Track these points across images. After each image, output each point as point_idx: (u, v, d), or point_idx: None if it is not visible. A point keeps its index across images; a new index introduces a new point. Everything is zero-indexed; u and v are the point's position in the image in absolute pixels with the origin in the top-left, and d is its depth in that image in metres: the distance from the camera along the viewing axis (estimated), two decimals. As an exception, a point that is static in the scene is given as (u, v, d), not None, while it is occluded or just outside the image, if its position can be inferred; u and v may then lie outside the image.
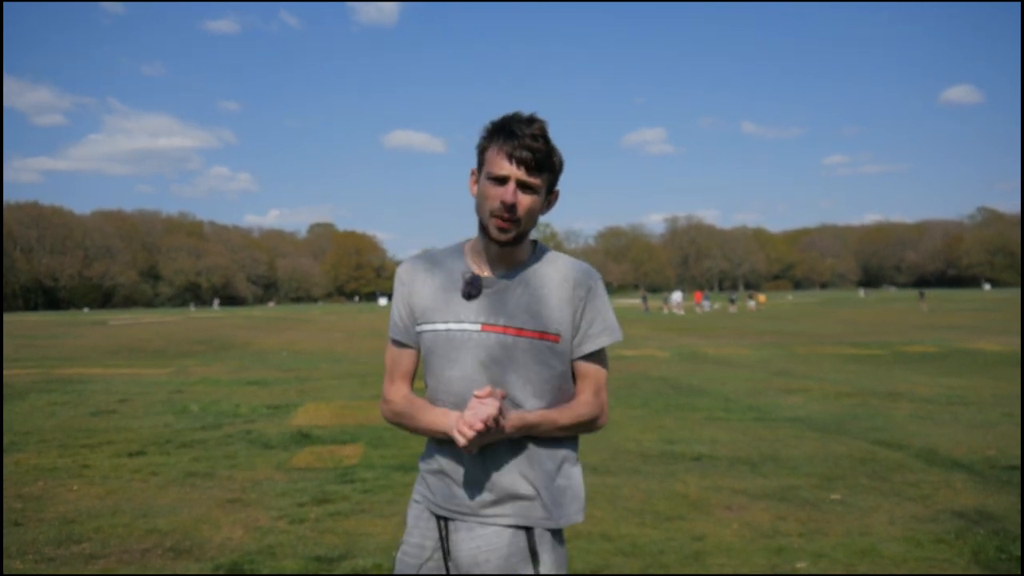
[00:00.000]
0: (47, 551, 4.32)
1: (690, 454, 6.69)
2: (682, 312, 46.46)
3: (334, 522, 4.80)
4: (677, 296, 49.85)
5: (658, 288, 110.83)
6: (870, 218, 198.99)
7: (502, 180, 1.75)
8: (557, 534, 1.85)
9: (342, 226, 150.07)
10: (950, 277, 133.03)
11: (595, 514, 4.91)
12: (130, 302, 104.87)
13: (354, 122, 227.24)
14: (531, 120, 1.76)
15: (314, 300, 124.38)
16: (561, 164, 1.83)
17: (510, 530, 1.79)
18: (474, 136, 1.85)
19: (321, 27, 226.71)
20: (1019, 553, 4.11)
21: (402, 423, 1.90)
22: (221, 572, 4.00)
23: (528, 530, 1.80)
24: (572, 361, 1.87)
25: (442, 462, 1.86)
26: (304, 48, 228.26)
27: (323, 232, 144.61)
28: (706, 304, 49.36)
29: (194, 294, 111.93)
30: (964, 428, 7.77)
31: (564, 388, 1.87)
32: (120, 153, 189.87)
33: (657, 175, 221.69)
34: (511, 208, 1.74)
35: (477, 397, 1.71)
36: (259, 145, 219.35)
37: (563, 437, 1.87)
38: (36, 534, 4.62)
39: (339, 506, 5.15)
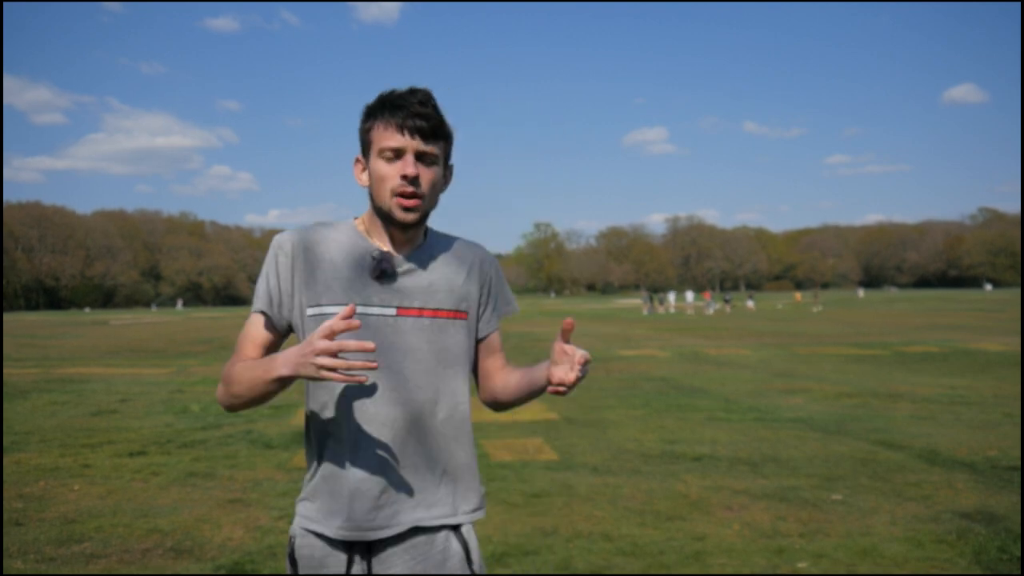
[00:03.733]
0: (48, 551, 4.33)
1: (691, 454, 6.68)
2: (690, 312, 46.76)
3: (335, 522, 4.79)
4: (689, 295, 53.27)
5: (658, 289, 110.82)
6: (871, 218, 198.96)
7: (398, 153, 1.63)
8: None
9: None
10: (951, 277, 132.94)
11: (596, 514, 4.91)
12: (131, 302, 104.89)
13: (354, 121, 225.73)
14: (414, 90, 1.65)
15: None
16: (452, 133, 1.71)
17: (441, 535, 1.69)
18: (473, 135, 1.91)
19: (322, 26, 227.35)
20: (1020, 553, 4.11)
21: (233, 392, 1.66)
22: (222, 572, 4.00)
23: (456, 530, 1.71)
24: (484, 336, 1.82)
25: (350, 470, 1.64)
26: (305, 47, 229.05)
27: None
28: (713, 304, 49.59)
29: (195, 294, 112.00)
30: (965, 428, 7.76)
31: (469, 363, 1.80)
32: (120, 152, 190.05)
33: (658, 175, 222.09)
34: (414, 181, 1.62)
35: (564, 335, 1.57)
36: (260, 144, 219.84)
37: (458, 420, 1.75)
38: (37, 534, 4.62)
39: (340, 506, 5.14)
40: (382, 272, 1.67)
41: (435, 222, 1.82)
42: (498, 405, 1.88)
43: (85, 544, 4.44)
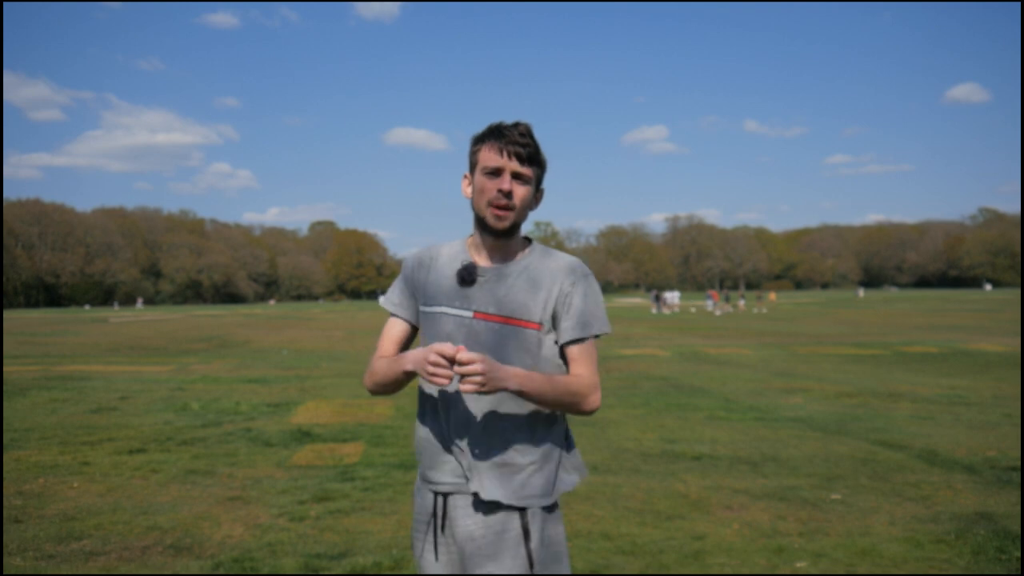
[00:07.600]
0: (47, 548, 4.33)
1: (691, 454, 6.69)
2: (698, 312, 46.88)
3: (334, 520, 4.80)
4: (675, 296, 53.51)
5: (651, 287, 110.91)
6: (872, 218, 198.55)
7: (497, 172, 1.91)
8: (550, 507, 1.99)
9: (343, 224, 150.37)
10: (952, 278, 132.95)
11: (595, 513, 4.92)
12: (131, 300, 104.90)
13: (355, 119, 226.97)
14: (517, 123, 1.94)
15: (315, 298, 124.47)
16: (546, 163, 2.00)
17: (504, 509, 1.92)
18: (472, 134, 1.99)
19: (321, 22, 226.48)
20: (1019, 554, 4.11)
21: (375, 380, 2.01)
22: (221, 570, 4.01)
23: (521, 509, 1.93)
24: (563, 347, 1.97)
25: (427, 428, 2.00)
26: (304, 44, 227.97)
27: (324, 230, 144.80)
28: (719, 304, 49.68)
29: (195, 291, 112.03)
30: (965, 429, 7.77)
31: (544, 366, 1.96)
32: (119, 149, 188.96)
33: (658, 174, 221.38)
34: (508, 195, 1.90)
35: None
36: (259, 142, 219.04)
37: (549, 419, 1.98)
38: (36, 531, 4.62)
39: (339, 504, 5.15)
40: (462, 279, 1.95)
41: (437, 217, 1.95)
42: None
43: (84, 541, 4.44)
